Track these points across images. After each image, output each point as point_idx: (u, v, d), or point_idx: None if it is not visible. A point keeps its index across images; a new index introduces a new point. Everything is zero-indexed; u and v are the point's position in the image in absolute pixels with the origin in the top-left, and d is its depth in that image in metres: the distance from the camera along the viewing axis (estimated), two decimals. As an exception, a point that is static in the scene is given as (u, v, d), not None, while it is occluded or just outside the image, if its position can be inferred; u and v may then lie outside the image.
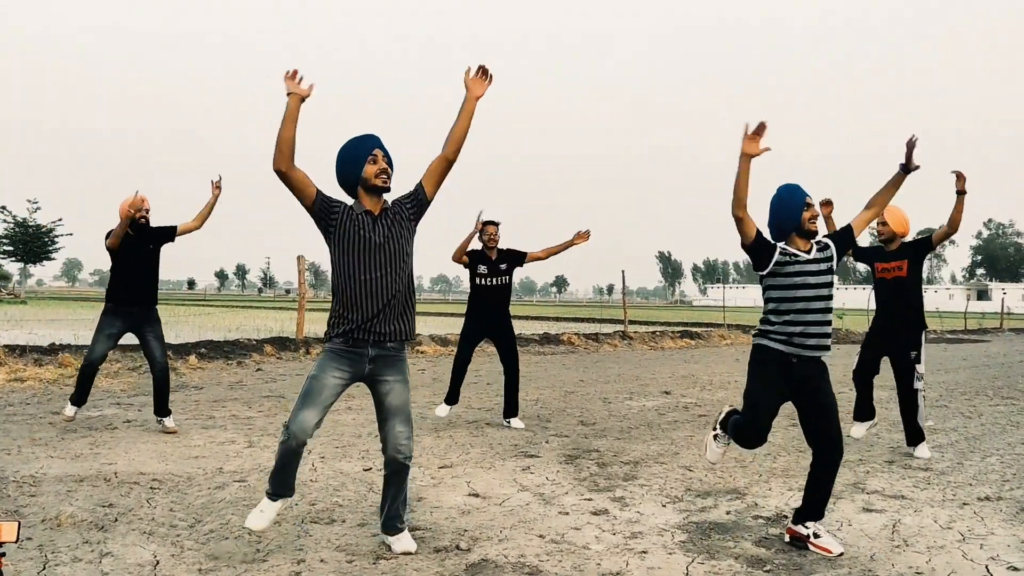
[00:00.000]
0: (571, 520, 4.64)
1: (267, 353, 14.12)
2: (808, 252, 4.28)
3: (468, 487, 5.38)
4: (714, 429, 4.70)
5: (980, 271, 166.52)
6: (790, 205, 4.29)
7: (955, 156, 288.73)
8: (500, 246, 7.82)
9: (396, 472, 4.09)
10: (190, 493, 5.04)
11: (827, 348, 4.28)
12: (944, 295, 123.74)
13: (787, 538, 4.32)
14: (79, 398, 7.14)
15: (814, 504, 4.25)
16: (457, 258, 7.74)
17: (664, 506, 5.01)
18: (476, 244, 7.81)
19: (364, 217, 3.93)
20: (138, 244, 7.06)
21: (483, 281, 7.71)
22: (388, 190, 3.97)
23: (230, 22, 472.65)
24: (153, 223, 7.20)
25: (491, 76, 4.05)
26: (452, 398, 7.90)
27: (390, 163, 3.98)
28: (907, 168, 4.52)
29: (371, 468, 5.83)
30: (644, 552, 4.09)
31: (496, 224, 7.79)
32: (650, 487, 5.48)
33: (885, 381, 9.58)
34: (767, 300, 4.32)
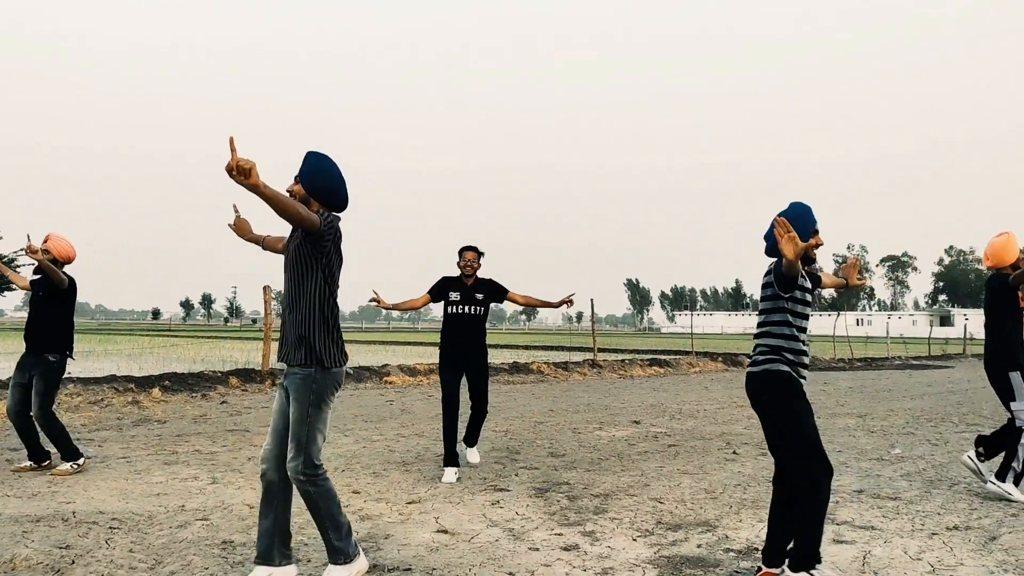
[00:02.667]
0: (541, 556, 4.57)
1: (232, 385, 13.93)
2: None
3: (436, 523, 5.30)
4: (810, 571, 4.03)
5: (942, 297, 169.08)
6: (799, 227, 4.18)
7: (917, 181, 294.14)
8: (481, 275, 7.27)
9: (278, 489, 3.99)
10: (151, 533, 4.91)
11: None
12: (907, 321, 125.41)
13: None
14: (40, 453, 6.88)
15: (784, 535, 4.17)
16: (414, 307, 7.21)
17: (635, 540, 4.95)
18: (453, 271, 7.28)
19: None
20: (33, 289, 6.99)
21: (455, 309, 7.12)
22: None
23: (199, 43, 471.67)
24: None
25: (246, 170, 3.30)
26: (451, 459, 6.83)
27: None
28: (847, 285, 4.75)
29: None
30: (615, 589, 4.04)
31: (475, 250, 7.23)
32: (620, 520, 5.43)
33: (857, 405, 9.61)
34: (780, 324, 4.16)
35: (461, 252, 7.26)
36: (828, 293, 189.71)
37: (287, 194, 3.87)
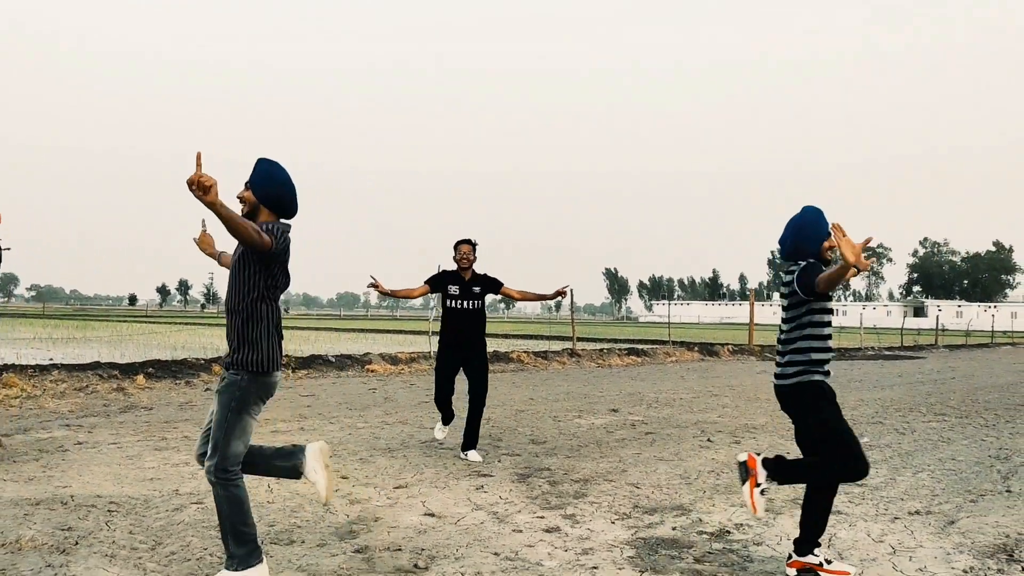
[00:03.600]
0: (525, 538, 4.81)
1: (215, 372, 14.05)
2: None
3: (424, 507, 5.52)
4: (757, 485, 4.29)
5: (916, 288, 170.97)
6: (815, 231, 4.27)
7: (890, 176, 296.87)
8: (477, 269, 7.40)
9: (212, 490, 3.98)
10: (148, 515, 5.09)
11: None
12: (882, 312, 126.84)
13: (792, 572, 4.24)
14: None
15: (816, 526, 4.28)
16: (410, 296, 7.38)
17: (613, 523, 5.20)
18: (450, 264, 7.41)
19: None
20: None
21: (455, 304, 7.25)
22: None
23: (178, 31, 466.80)
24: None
25: (206, 186, 3.37)
26: (445, 419, 7.50)
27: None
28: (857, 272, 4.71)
29: (327, 489, 5.94)
30: (595, 568, 4.28)
31: (470, 243, 7.33)
32: (600, 504, 5.68)
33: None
34: (806, 326, 4.23)
35: (457, 246, 7.34)
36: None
37: (239, 210, 3.90)
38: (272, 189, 3.96)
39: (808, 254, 4.31)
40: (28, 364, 13.48)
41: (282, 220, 4.04)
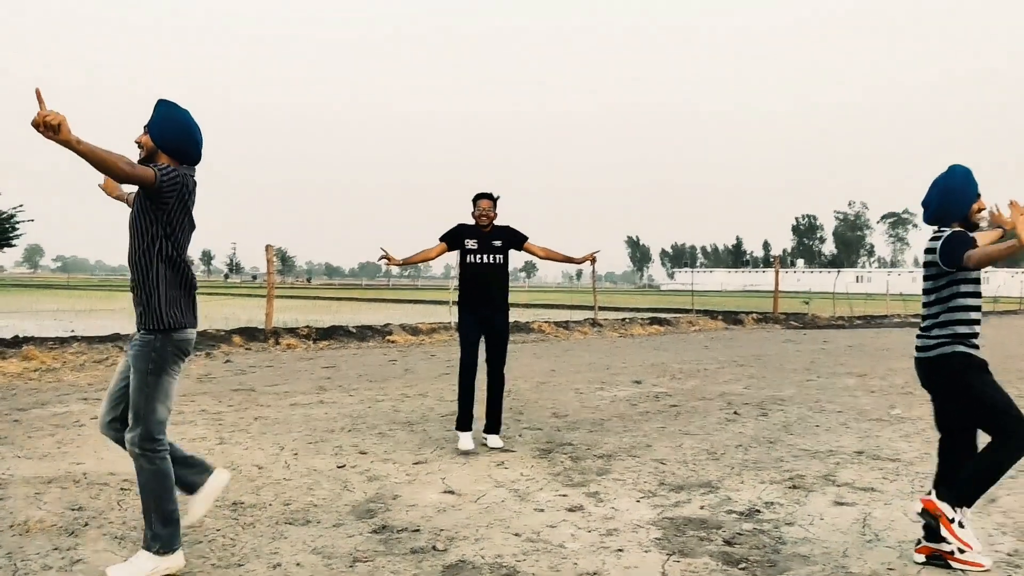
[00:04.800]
0: (547, 517, 4.65)
1: (235, 343, 14.00)
2: None
3: (443, 484, 5.38)
4: (951, 521, 3.83)
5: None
6: (964, 193, 3.99)
7: (913, 141, 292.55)
8: (498, 223, 6.80)
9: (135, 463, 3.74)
10: (162, 494, 4.97)
11: None
12: (907, 278, 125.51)
13: (920, 558, 3.98)
14: None
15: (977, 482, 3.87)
16: (427, 258, 6.78)
17: (638, 501, 5.03)
18: (467, 219, 6.80)
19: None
20: None
21: (473, 258, 6.63)
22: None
23: (197, 7, 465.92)
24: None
25: (54, 125, 3.09)
26: (465, 422, 6.57)
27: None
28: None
29: (344, 465, 5.81)
30: (620, 550, 4.11)
31: (490, 197, 6.72)
32: (624, 481, 5.51)
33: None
34: (952, 298, 3.96)
35: (475, 200, 6.70)
36: (828, 249, 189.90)
37: (136, 156, 3.64)
38: (170, 132, 3.69)
39: (955, 217, 4.02)
40: (48, 336, 13.47)
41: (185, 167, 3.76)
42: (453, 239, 6.71)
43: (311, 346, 14.67)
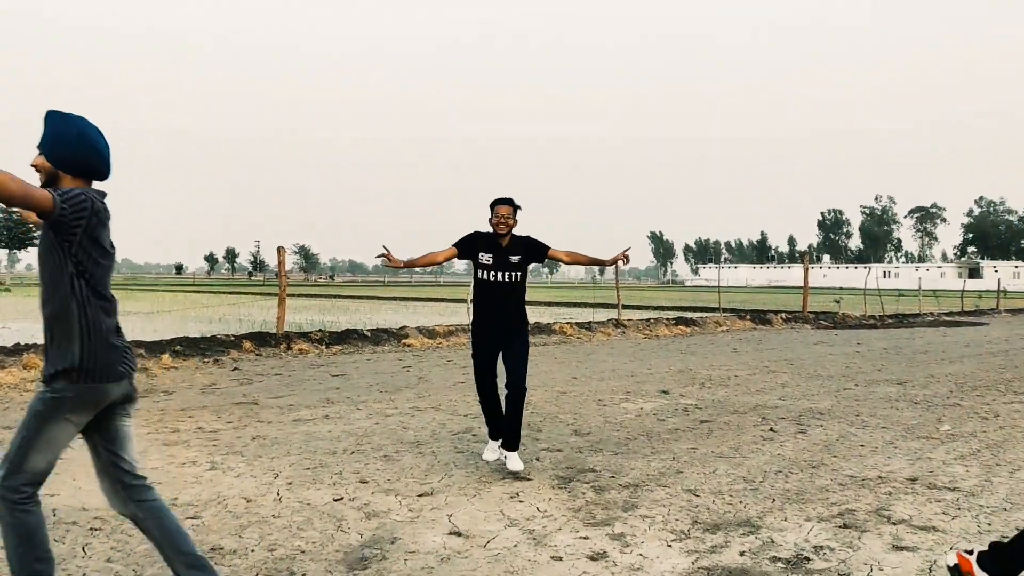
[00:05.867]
0: (565, 568, 4.07)
1: (245, 349, 13.52)
2: None
3: (449, 522, 4.81)
4: None
5: (971, 249, 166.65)
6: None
7: (944, 135, 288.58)
8: (517, 232, 6.19)
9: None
10: (134, 536, 4.44)
11: None
12: (935, 273, 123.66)
13: None
14: None
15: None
16: (433, 262, 6.11)
17: (670, 545, 4.44)
18: (485, 227, 6.19)
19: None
20: None
21: (488, 275, 6.06)
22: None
23: (215, 9, 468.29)
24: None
25: None
26: (494, 432, 6.21)
27: None
28: None
29: (342, 498, 5.25)
30: (650, 615, 3.53)
31: (511, 204, 6.07)
32: (653, 519, 4.92)
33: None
34: None
35: (493, 206, 6.06)
36: (855, 244, 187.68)
37: (36, 182, 3.10)
38: (65, 149, 3.15)
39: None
40: None
41: (95, 185, 3.24)
42: (466, 248, 6.14)
43: (324, 351, 14.16)
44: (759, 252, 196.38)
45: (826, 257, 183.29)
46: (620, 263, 6.57)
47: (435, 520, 4.84)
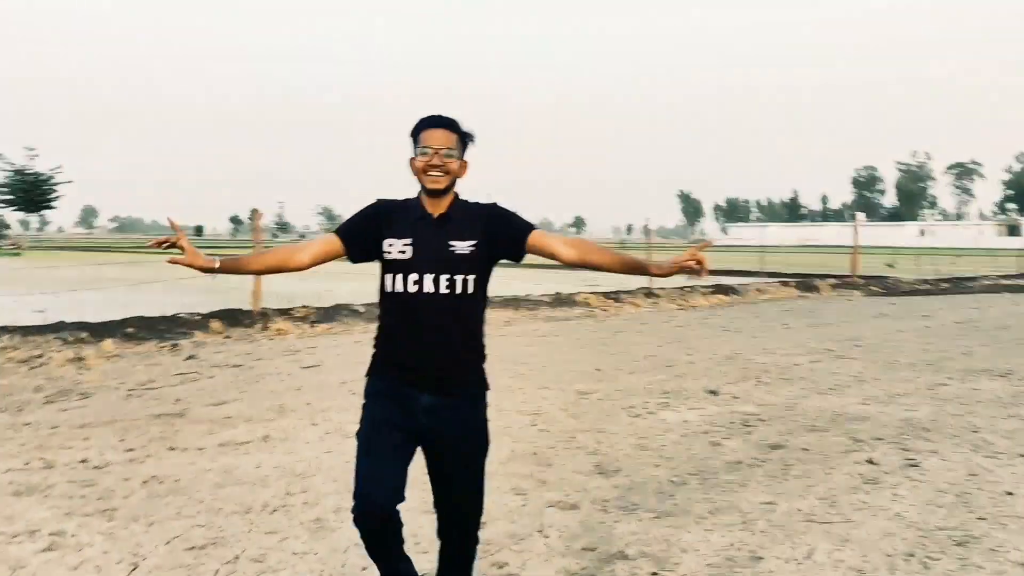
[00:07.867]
0: None
1: (212, 330, 11.50)
2: None
3: None
4: None
5: (1011, 206, 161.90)
6: None
7: (983, 88, 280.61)
8: (468, 197, 3.28)
9: None
10: None
11: None
12: (974, 231, 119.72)
13: None
14: None
15: None
16: (279, 266, 3.25)
17: None
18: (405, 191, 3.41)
19: None
20: None
21: (400, 281, 3.01)
22: None
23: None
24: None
25: None
26: None
27: None
28: None
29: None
30: None
31: (452, 127, 3.05)
32: None
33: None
34: None
35: (417, 133, 3.05)
36: (889, 202, 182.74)
37: None
38: None
39: None
40: (41, 325, 11.17)
41: None
42: (358, 235, 3.14)
43: (306, 331, 12.11)
44: (790, 211, 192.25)
45: (861, 215, 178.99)
46: (689, 270, 3.10)
47: None
